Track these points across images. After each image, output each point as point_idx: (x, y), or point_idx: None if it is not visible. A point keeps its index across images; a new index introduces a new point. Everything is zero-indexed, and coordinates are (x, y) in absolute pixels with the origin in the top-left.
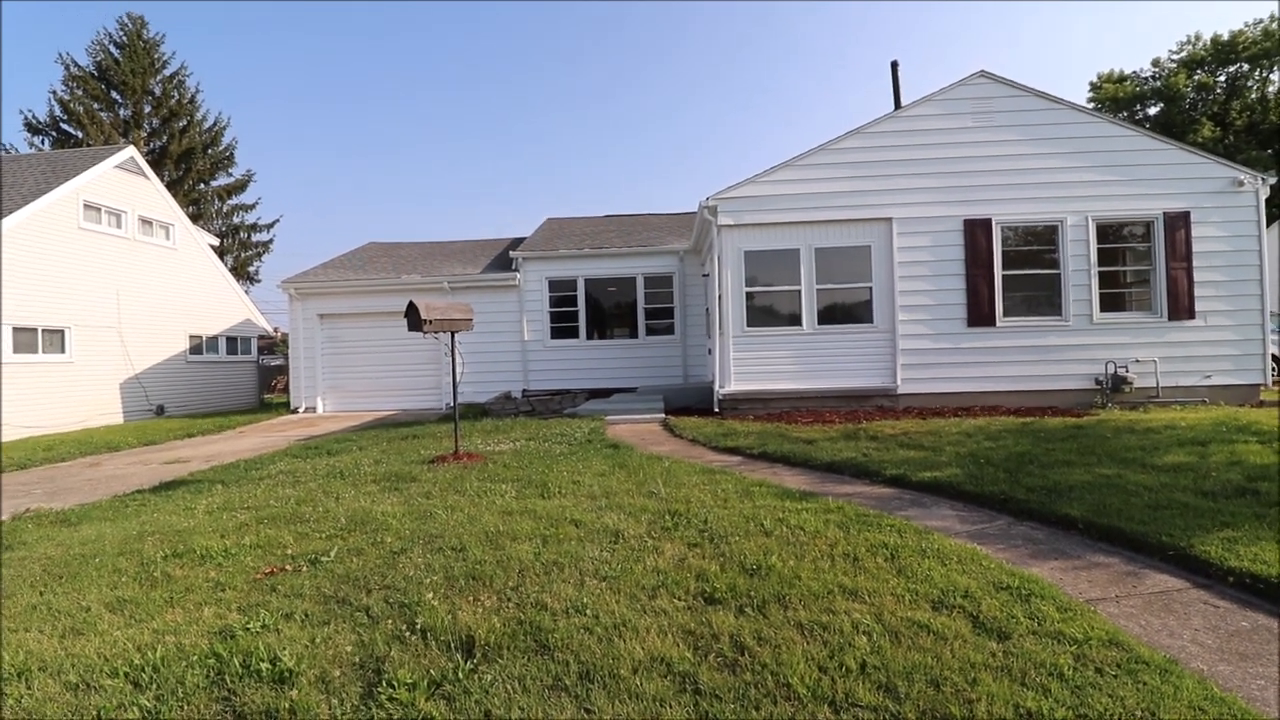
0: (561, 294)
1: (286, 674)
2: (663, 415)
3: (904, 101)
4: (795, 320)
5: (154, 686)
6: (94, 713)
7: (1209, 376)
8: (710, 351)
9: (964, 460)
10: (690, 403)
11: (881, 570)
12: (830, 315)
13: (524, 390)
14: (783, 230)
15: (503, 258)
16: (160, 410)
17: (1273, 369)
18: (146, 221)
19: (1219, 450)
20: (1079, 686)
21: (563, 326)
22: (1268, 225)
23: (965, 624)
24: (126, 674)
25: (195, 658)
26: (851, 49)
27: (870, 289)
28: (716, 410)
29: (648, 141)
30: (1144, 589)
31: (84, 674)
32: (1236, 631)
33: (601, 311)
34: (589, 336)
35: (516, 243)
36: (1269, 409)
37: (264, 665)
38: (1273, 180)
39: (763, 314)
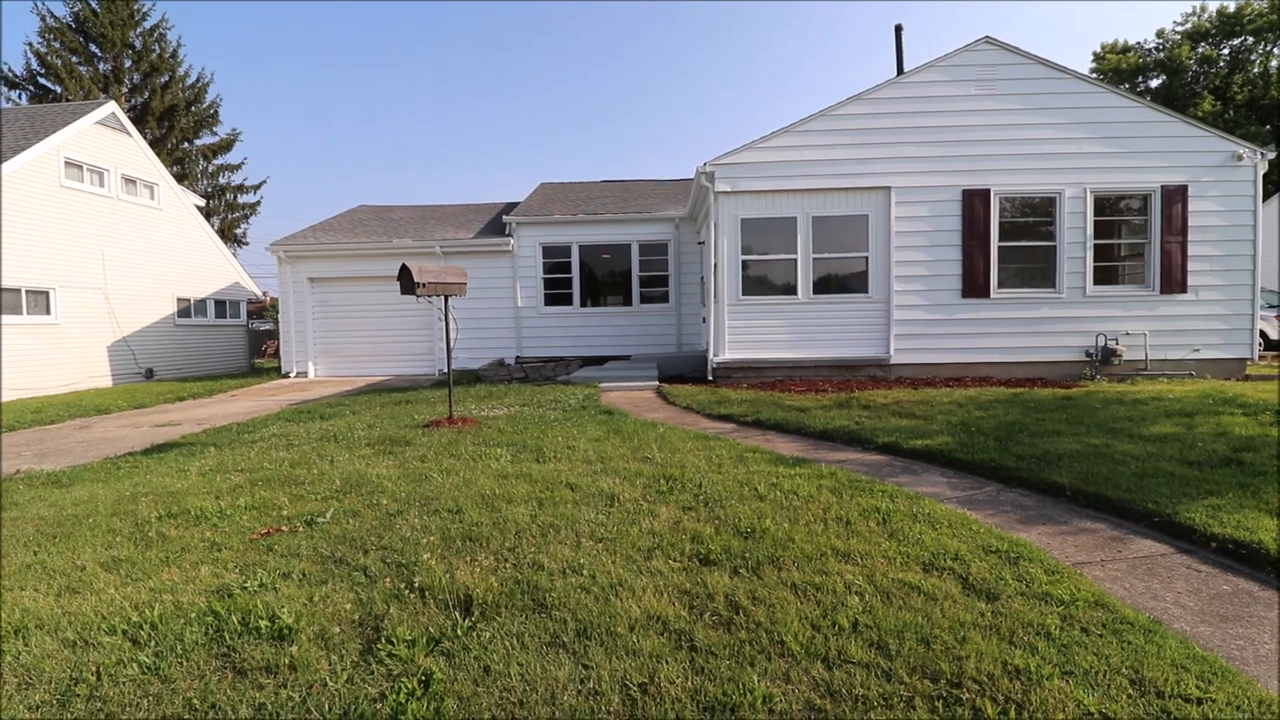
0: (556, 260)
1: (286, 631)
2: (657, 383)
3: (907, 67)
4: (790, 289)
5: (153, 643)
6: (93, 669)
7: (1197, 350)
8: (705, 320)
9: (955, 429)
10: (684, 371)
11: (873, 534)
12: (825, 285)
13: (517, 357)
14: (780, 198)
15: (496, 222)
16: (149, 373)
17: (1259, 343)
18: (130, 180)
19: (1205, 422)
20: (1065, 645)
21: (557, 293)
22: (1263, 201)
23: (955, 585)
24: (124, 631)
25: (193, 615)
26: (851, 17)
27: (866, 259)
28: (710, 378)
29: (639, 113)
30: (1129, 554)
31: (82, 631)
32: (1218, 594)
33: (596, 278)
34: (583, 303)
35: (510, 207)
36: (1255, 383)
37: (263, 623)
38: (1271, 155)
39: (758, 283)
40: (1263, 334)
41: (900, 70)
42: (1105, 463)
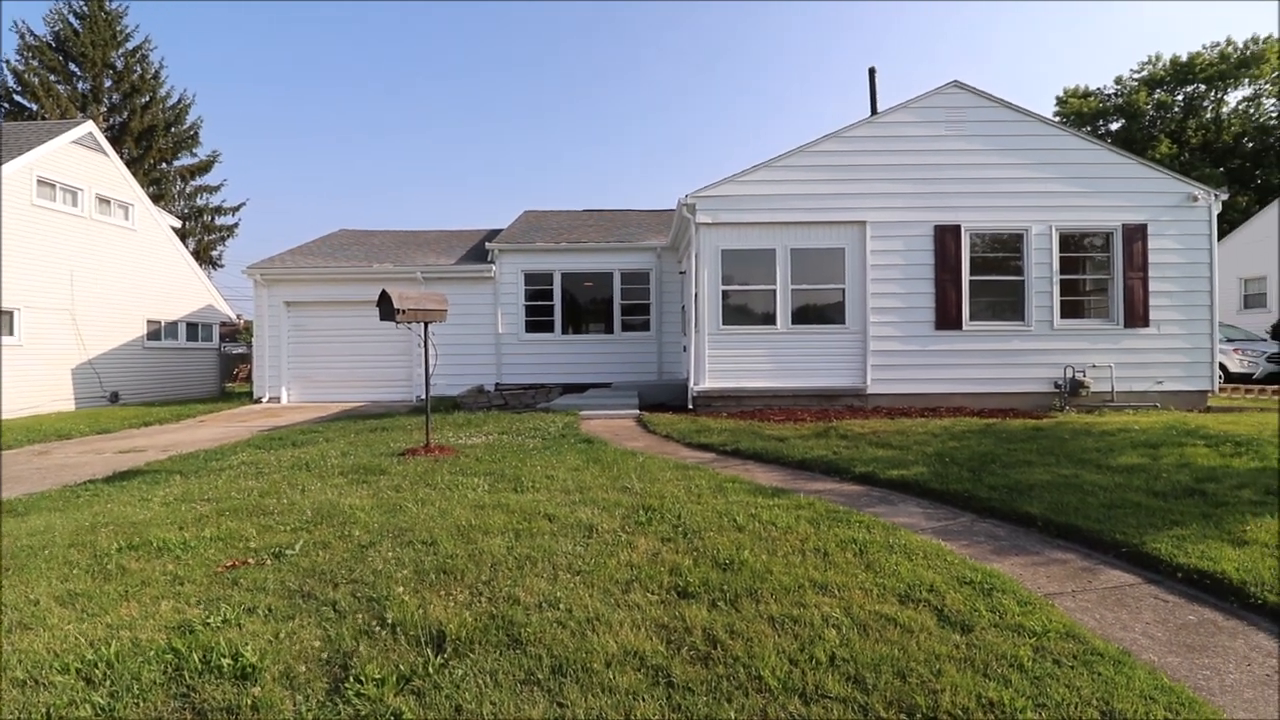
0: (537, 287)
1: (249, 670)
2: (637, 411)
3: (880, 107)
4: (770, 319)
5: (108, 683)
6: (43, 710)
7: (1161, 382)
8: (685, 349)
9: (930, 459)
10: (665, 399)
11: (851, 565)
12: (804, 315)
13: (497, 384)
14: (760, 230)
15: (478, 249)
16: (115, 397)
17: (1219, 376)
18: (104, 200)
19: (1169, 453)
20: (1038, 677)
21: (538, 320)
22: (1218, 239)
23: (930, 617)
24: (78, 670)
25: (152, 653)
26: (828, 57)
27: (843, 291)
28: (691, 407)
29: (623, 142)
30: (1099, 584)
31: (32, 670)
32: (1184, 624)
33: (577, 306)
34: (564, 331)
35: (493, 234)
36: (1216, 414)
37: (225, 661)
38: (1224, 196)
39: (738, 312)
40: (1222, 367)
41: (874, 110)
42: (1075, 493)
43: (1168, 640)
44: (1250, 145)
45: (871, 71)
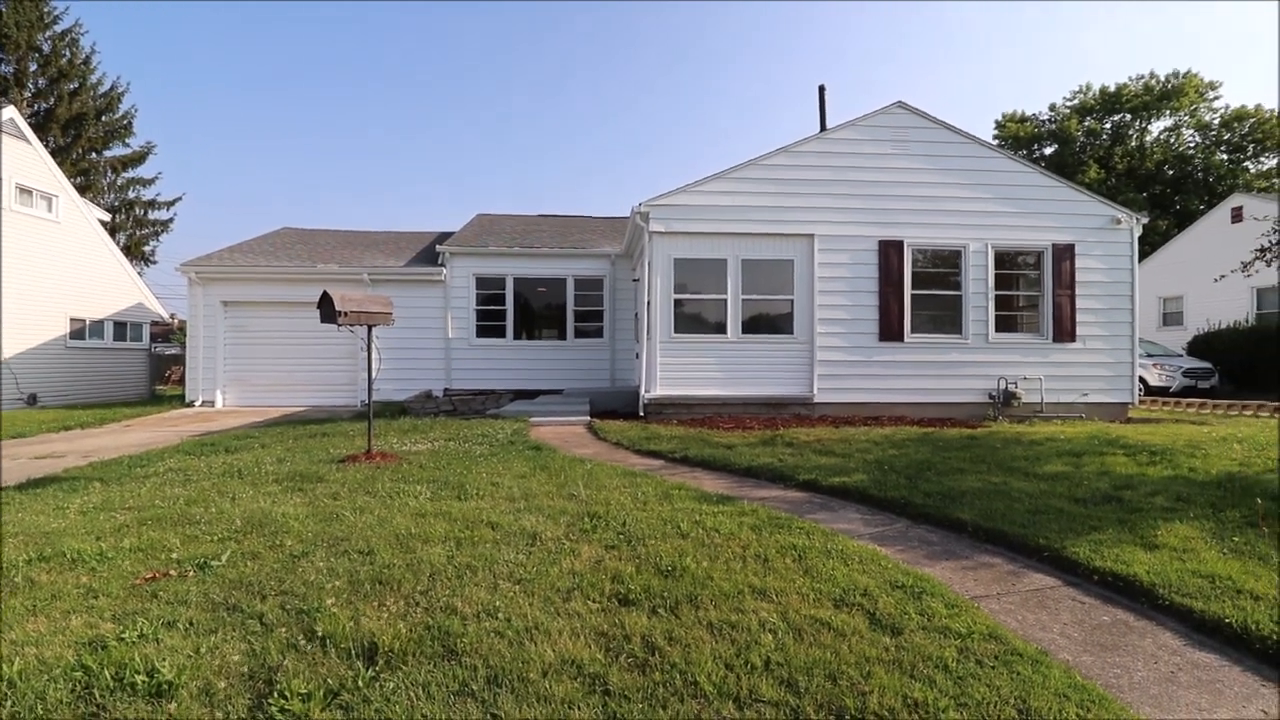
0: (489, 292)
1: (165, 686)
2: (588, 418)
3: (829, 124)
4: (721, 328)
5: (9, 703)
6: None
7: (1086, 394)
8: (638, 356)
9: (871, 467)
10: (617, 406)
11: (789, 570)
12: (754, 325)
13: (446, 389)
14: (712, 240)
15: (429, 251)
16: (33, 400)
17: (1139, 389)
18: (26, 191)
19: (1091, 461)
20: (961, 678)
21: (489, 325)
22: (1139, 260)
23: (863, 621)
24: None
25: (59, 671)
26: (780, 75)
27: (792, 301)
28: (642, 414)
29: (585, 144)
30: (1022, 587)
31: None
32: (1099, 625)
33: (530, 311)
34: (516, 336)
35: (444, 237)
36: (1136, 425)
37: (139, 678)
38: (1145, 220)
39: (690, 321)
40: (1142, 380)
41: (823, 126)
42: (1003, 500)
43: (1083, 640)
44: (1171, 173)
45: (821, 89)
